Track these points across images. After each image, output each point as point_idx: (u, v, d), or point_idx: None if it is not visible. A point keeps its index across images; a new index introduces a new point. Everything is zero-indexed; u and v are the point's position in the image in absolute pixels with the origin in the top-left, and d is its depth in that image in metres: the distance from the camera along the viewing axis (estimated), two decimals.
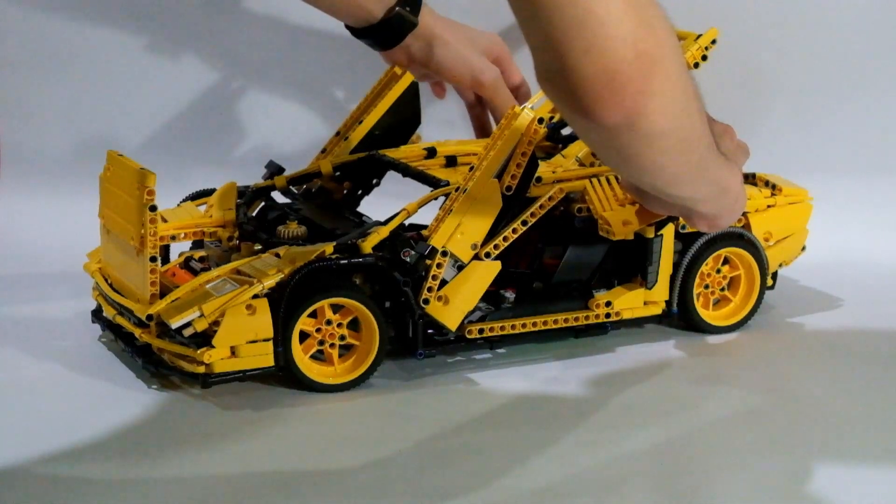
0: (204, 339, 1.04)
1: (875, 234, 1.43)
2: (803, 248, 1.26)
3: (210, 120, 1.49)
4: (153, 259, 1.06)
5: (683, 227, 1.17)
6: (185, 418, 1.03)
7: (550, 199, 1.12)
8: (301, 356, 1.06)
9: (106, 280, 1.14)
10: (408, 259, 1.08)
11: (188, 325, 1.03)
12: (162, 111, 1.49)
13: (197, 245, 1.19)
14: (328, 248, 1.07)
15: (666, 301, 1.18)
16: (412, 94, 1.28)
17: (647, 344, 1.18)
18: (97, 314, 1.16)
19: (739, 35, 1.39)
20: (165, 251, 1.17)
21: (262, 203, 1.22)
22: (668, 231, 1.16)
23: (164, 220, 1.15)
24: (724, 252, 1.20)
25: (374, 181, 1.26)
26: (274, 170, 1.24)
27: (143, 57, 1.48)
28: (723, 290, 1.21)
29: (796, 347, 1.19)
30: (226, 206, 1.17)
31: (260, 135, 1.50)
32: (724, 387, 1.11)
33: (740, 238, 1.20)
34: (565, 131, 1.22)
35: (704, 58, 1.19)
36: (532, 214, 1.11)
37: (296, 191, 1.24)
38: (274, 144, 1.49)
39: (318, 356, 1.08)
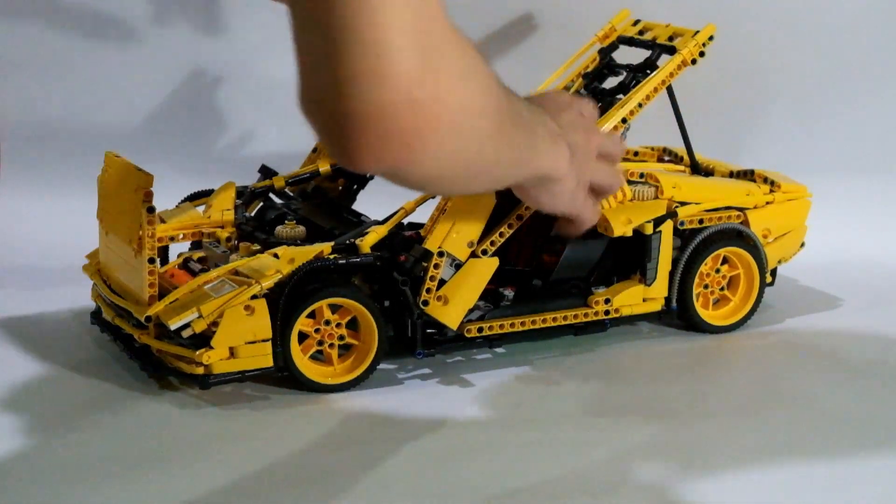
0: (203, 340, 1.03)
1: (875, 233, 1.42)
2: (802, 245, 1.26)
3: (209, 120, 1.49)
4: (151, 260, 1.06)
5: (682, 224, 1.17)
6: (184, 419, 1.03)
7: None
8: (300, 356, 1.06)
9: (104, 281, 1.14)
10: (406, 264, 1.08)
11: (187, 326, 1.03)
12: (161, 112, 1.49)
13: (195, 246, 1.19)
14: (326, 247, 1.07)
15: (665, 297, 1.17)
16: None
17: (647, 343, 1.18)
18: (96, 315, 1.16)
19: (740, 33, 1.39)
20: (164, 252, 1.17)
21: (261, 203, 1.22)
22: (667, 227, 1.16)
23: (163, 221, 1.15)
24: (723, 252, 1.19)
25: (369, 175, 1.25)
26: (266, 174, 1.24)
27: (143, 58, 1.48)
28: (722, 289, 1.21)
29: (796, 347, 1.19)
30: (224, 206, 1.17)
31: (259, 135, 1.50)
32: (724, 387, 1.11)
33: (739, 237, 1.20)
34: None
35: (702, 54, 1.19)
36: (527, 209, 1.11)
37: (290, 192, 1.24)
38: (273, 144, 1.49)
39: (318, 356, 1.08)
